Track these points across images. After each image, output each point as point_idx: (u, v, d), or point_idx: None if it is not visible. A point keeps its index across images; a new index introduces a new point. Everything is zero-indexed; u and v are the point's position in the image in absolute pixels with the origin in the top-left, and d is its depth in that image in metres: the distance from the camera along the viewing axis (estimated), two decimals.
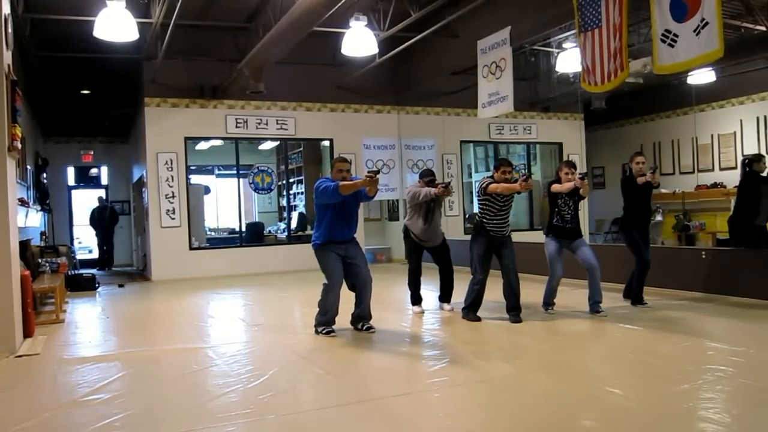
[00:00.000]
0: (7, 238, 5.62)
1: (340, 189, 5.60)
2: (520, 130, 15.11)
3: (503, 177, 6.34)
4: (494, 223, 6.39)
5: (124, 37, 7.83)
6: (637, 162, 7.03)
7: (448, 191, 6.60)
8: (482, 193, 6.40)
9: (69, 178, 16.49)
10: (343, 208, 5.90)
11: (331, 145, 13.45)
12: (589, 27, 7.25)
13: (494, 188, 6.25)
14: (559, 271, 6.70)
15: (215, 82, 12.12)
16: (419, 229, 6.96)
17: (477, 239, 6.47)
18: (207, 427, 3.66)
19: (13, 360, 5.41)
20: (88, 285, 10.45)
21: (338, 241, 5.92)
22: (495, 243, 6.41)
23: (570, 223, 6.71)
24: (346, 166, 5.98)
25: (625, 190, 7.16)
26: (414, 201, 6.91)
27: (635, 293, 7.07)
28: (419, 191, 6.85)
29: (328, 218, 5.90)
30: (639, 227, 7.09)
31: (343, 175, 5.85)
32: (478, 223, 6.50)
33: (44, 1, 10.00)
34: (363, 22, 9.08)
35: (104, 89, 14.17)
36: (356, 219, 6.15)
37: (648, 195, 7.09)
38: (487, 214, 6.42)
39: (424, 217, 6.91)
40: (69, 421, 3.86)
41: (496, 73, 9.31)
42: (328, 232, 5.90)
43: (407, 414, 3.80)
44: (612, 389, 4.08)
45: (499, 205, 6.38)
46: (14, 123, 5.80)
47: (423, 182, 7.02)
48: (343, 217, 5.93)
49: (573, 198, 6.68)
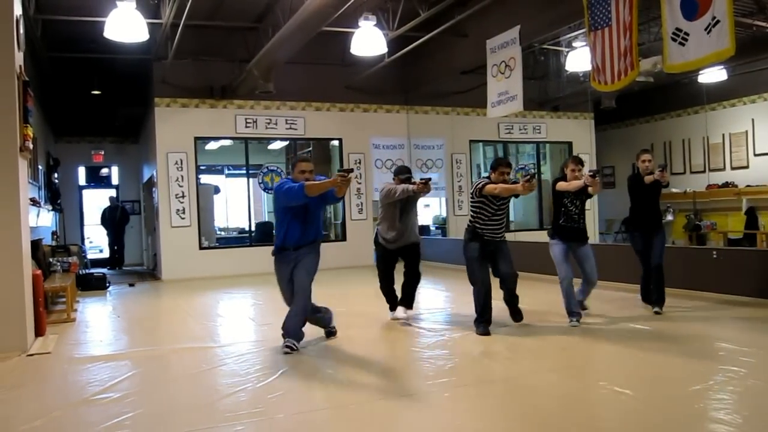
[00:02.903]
0: (18, 237, 5.67)
1: (305, 190, 5.05)
2: (529, 130, 15.08)
3: (501, 178, 5.88)
4: (489, 227, 5.94)
5: (134, 38, 7.88)
6: (643, 160, 6.65)
7: (427, 187, 6.05)
8: (476, 195, 5.91)
9: (80, 178, 16.58)
10: (305, 212, 5.38)
11: (340, 145, 13.47)
12: (599, 26, 7.22)
13: (491, 189, 5.76)
14: (569, 272, 6.18)
15: (225, 82, 12.16)
16: (392, 230, 6.49)
17: (469, 244, 6.00)
18: (216, 426, 3.67)
19: (24, 358, 5.45)
20: (98, 284, 10.51)
21: (293, 246, 5.41)
22: (489, 247, 5.97)
23: (577, 222, 6.29)
24: (310, 167, 5.44)
25: (631, 189, 6.80)
26: (388, 199, 6.41)
27: (643, 293, 6.85)
28: (395, 188, 6.35)
29: (288, 222, 5.40)
30: (643, 228, 6.71)
31: (306, 177, 5.30)
32: (471, 228, 6.02)
33: (55, 3, 10.06)
34: (372, 22, 9.09)
35: (115, 90, 14.24)
36: (319, 223, 5.66)
37: (656, 195, 6.68)
38: (480, 217, 5.95)
39: (399, 217, 6.45)
40: (79, 419, 3.88)
41: (505, 72, 9.29)
42: (285, 236, 5.42)
43: (416, 414, 3.80)
44: (622, 390, 4.06)
45: (494, 209, 5.92)
46: (26, 123, 5.85)
47: (398, 179, 6.52)
48: (305, 221, 5.41)
49: (580, 197, 6.24)
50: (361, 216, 13.48)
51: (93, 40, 10.21)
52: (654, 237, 6.64)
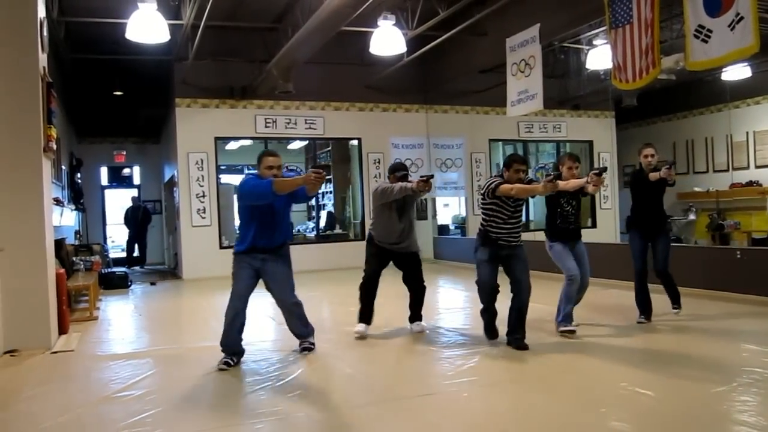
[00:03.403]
0: (42, 236, 5.75)
1: (274, 187, 4.55)
2: (549, 129, 14.98)
3: (516, 176, 5.20)
4: (504, 231, 5.31)
5: (155, 39, 7.95)
6: (646, 155, 6.14)
7: (428, 186, 5.41)
8: (489, 196, 5.26)
9: (102, 178, 16.77)
10: (272, 212, 4.94)
11: (359, 145, 13.49)
12: (620, 23, 7.16)
13: (506, 190, 5.11)
14: (575, 267, 5.71)
15: (245, 83, 12.22)
16: (391, 234, 5.87)
17: (480, 248, 5.42)
18: (236, 424, 3.69)
19: (48, 356, 5.53)
20: (120, 283, 10.63)
21: (260, 249, 4.99)
22: (503, 252, 5.34)
23: (573, 223, 5.86)
24: (278, 161, 4.96)
25: (633, 186, 6.33)
26: (383, 199, 5.81)
27: (639, 301, 6.23)
28: (391, 187, 5.75)
29: (253, 224, 4.96)
30: (644, 229, 6.23)
31: (274, 172, 4.85)
32: (483, 232, 5.40)
33: (78, 5, 10.18)
34: (391, 21, 9.09)
35: (136, 90, 14.38)
36: (287, 224, 5.21)
37: (660, 193, 6.20)
38: (494, 220, 5.31)
39: (398, 220, 5.84)
40: (102, 416, 3.93)
41: (525, 71, 9.23)
42: (251, 238, 4.96)
43: (436, 413, 3.79)
44: (643, 390, 4.02)
45: (509, 211, 5.29)
46: (49, 124, 5.93)
47: (394, 177, 5.93)
48: (272, 222, 4.98)
49: (577, 197, 5.80)
50: None
51: (115, 41, 10.32)
52: (657, 240, 6.22)
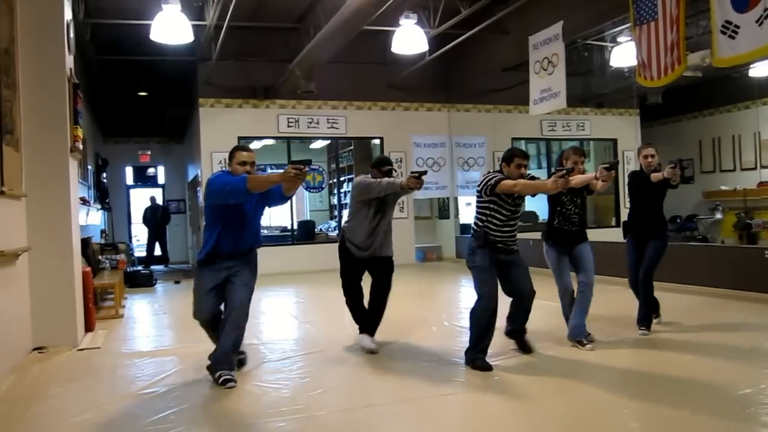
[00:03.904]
0: (69, 236, 5.83)
1: (248, 184, 4.08)
2: (573, 127, 14.85)
3: (517, 171, 4.69)
4: (503, 233, 4.75)
5: (179, 40, 8.01)
6: (645, 155, 5.64)
7: (420, 183, 4.77)
8: (487, 193, 4.72)
9: (127, 178, 16.98)
10: (241, 213, 4.42)
11: (381, 144, 13.49)
12: (645, 20, 7.07)
13: (508, 186, 4.58)
14: (569, 284, 5.34)
15: (267, 83, 12.30)
16: (362, 234, 5.25)
17: (477, 252, 4.78)
18: (258, 421, 3.72)
19: (75, 353, 5.62)
20: (145, 281, 10.75)
21: (226, 255, 4.44)
22: (501, 256, 4.79)
23: (576, 225, 5.30)
24: (251, 157, 4.46)
25: (632, 188, 5.85)
26: (366, 195, 5.20)
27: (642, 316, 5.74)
28: (376, 182, 5.15)
29: (218, 225, 4.41)
30: (640, 235, 5.73)
31: (247, 169, 4.37)
32: (480, 233, 4.78)
33: (103, 6, 10.33)
34: (413, 20, 9.07)
35: (160, 91, 14.54)
36: (258, 227, 4.65)
37: (660, 197, 5.68)
38: (492, 221, 4.73)
39: (372, 219, 5.24)
40: (127, 413, 3.97)
41: (548, 68, 9.17)
42: (214, 241, 4.41)
43: (455, 414, 3.78)
44: (668, 393, 3.97)
45: (509, 211, 4.74)
46: (76, 125, 6.01)
47: (378, 171, 5.35)
48: (240, 224, 4.43)
49: (581, 195, 5.29)
50: (402, 215, 13.48)
51: (140, 42, 10.45)
52: (649, 244, 5.68)
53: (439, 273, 11.85)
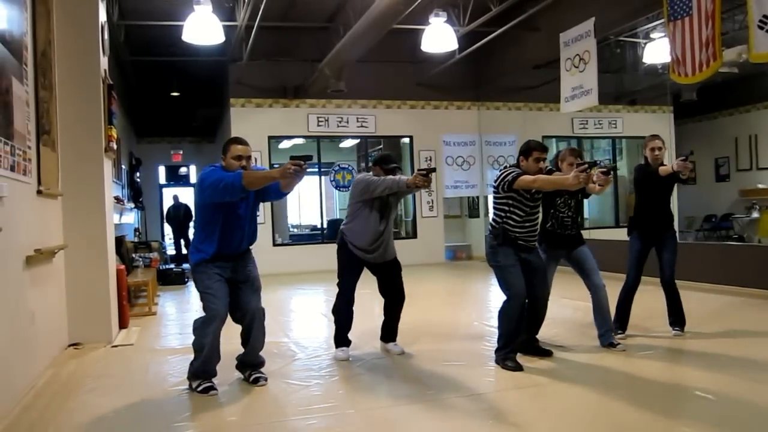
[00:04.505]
0: (104, 234, 5.94)
1: (244, 181, 3.91)
2: (605, 125, 14.66)
3: (536, 166, 4.53)
4: (524, 229, 4.63)
5: (210, 41, 8.09)
6: (652, 148, 5.38)
7: (428, 181, 4.49)
8: (504, 189, 4.55)
9: (160, 177, 17.24)
10: (238, 211, 4.20)
11: (411, 143, 13.48)
12: (679, 15, 6.96)
13: (527, 182, 4.42)
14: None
15: (297, 82, 12.37)
16: (368, 238, 4.95)
17: (499, 250, 4.62)
18: (289, 419, 3.74)
19: (109, 350, 5.72)
20: (178, 279, 10.89)
21: (227, 256, 4.24)
22: (521, 254, 4.65)
23: (570, 228, 5.10)
24: (247, 151, 4.16)
25: (638, 182, 5.57)
26: (367, 195, 4.89)
27: (617, 316, 5.50)
28: (380, 180, 4.83)
29: (218, 225, 4.15)
30: (647, 231, 5.49)
31: (243, 164, 4.10)
32: (499, 230, 4.64)
33: (136, 9, 10.50)
34: (442, 18, 9.03)
35: (192, 91, 14.74)
36: (256, 225, 4.42)
37: (668, 191, 5.44)
38: (512, 218, 4.59)
39: (379, 221, 4.95)
40: (160, 409, 4.04)
41: (579, 66, 9.07)
42: (217, 243, 4.16)
43: (486, 414, 3.76)
44: (703, 394, 3.91)
45: (528, 207, 4.60)
46: (110, 125, 6.12)
47: (381, 169, 5.01)
48: (238, 223, 4.21)
49: (576, 197, 5.08)
50: (432, 213, 13.46)
51: (172, 43, 10.59)
52: (662, 244, 5.46)
53: (469, 272, 11.80)
